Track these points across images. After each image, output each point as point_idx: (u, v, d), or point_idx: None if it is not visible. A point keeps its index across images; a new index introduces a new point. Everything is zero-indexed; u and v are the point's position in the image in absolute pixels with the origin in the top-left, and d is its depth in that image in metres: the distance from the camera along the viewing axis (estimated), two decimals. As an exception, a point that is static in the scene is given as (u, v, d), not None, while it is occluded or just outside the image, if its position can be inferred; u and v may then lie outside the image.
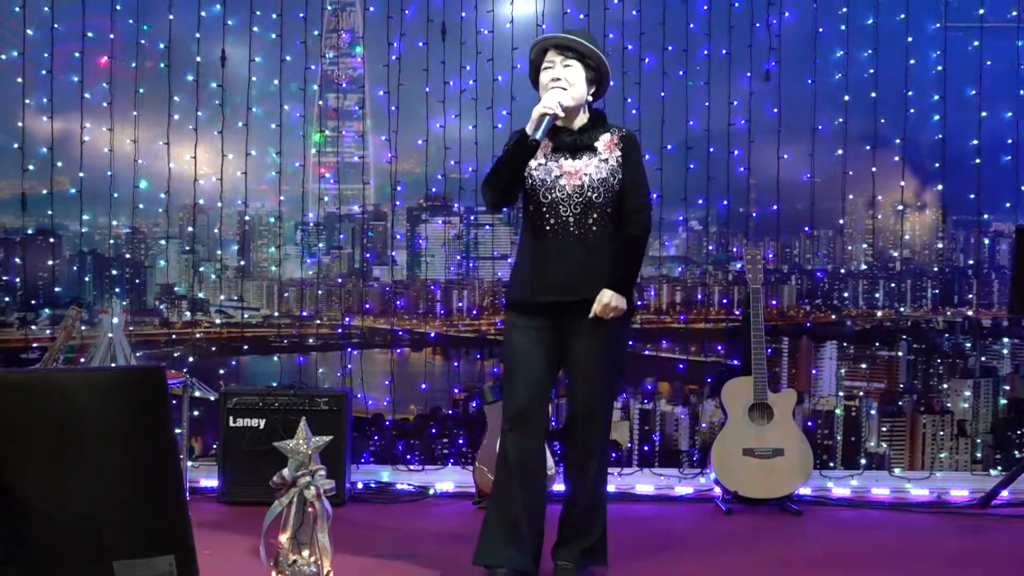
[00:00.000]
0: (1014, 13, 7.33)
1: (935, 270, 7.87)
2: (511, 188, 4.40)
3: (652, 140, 7.29)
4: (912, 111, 7.37)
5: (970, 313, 7.71)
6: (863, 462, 7.49)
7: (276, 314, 7.95)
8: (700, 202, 7.51)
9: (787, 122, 7.41)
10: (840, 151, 7.39)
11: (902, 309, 7.83)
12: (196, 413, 7.03)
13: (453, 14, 7.42)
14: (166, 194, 7.47)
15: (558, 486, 5.45)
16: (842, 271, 7.98)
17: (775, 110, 7.39)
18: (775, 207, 7.43)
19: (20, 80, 7.35)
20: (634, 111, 7.34)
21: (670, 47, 7.37)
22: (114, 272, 7.71)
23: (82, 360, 7.05)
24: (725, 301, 7.87)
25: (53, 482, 2.86)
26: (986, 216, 7.61)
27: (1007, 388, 7.57)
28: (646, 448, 7.62)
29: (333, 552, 4.19)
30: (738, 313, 7.55)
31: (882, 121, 7.39)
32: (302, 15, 7.44)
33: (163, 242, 7.82)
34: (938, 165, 7.42)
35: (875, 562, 5.28)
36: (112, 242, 7.65)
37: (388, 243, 8.20)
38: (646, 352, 7.79)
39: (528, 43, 4.64)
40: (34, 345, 7.47)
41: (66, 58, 7.40)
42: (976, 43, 7.35)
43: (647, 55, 7.40)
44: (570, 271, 4.32)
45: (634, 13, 7.37)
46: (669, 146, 7.37)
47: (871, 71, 7.37)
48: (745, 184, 7.47)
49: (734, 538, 5.75)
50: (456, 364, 7.82)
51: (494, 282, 7.90)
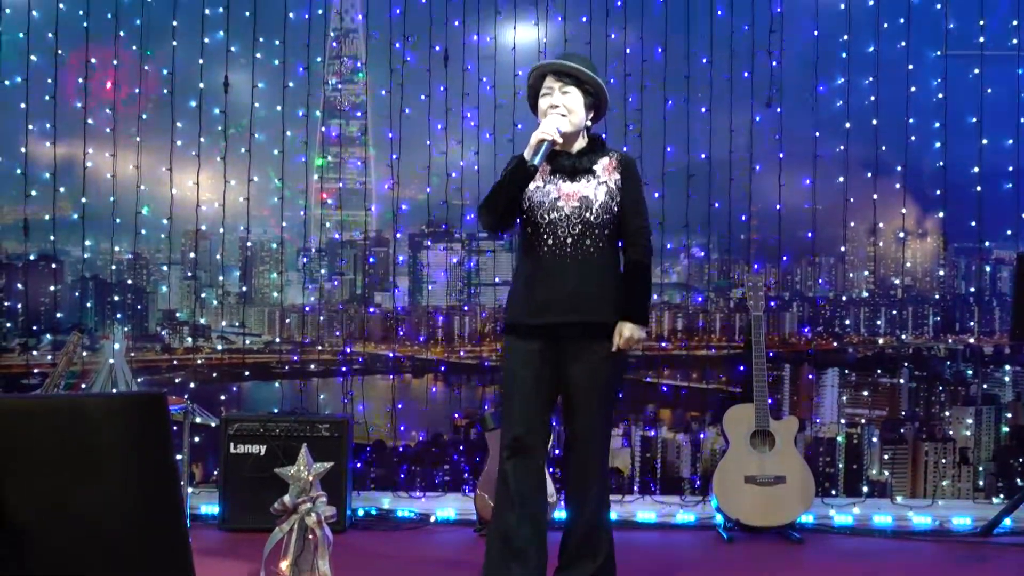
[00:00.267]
0: (1014, 41, 7.34)
1: (936, 297, 7.86)
2: (508, 212, 4.38)
3: (654, 167, 7.27)
4: (913, 138, 7.35)
5: (972, 340, 7.70)
6: (865, 490, 7.44)
7: (277, 340, 7.96)
8: (701, 229, 7.48)
9: (788, 149, 7.39)
10: (841, 178, 7.36)
11: (904, 336, 7.82)
12: (197, 439, 7.00)
13: (455, 41, 7.45)
14: (168, 220, 7.47)
15: (560, 513, 5.43)
16: (843, 298, 7.96)
17: (776, 137, 7.38)
18: (776, 234, 7.41)
19: (24, 106, 7.35)
20: (636, 138, 7.35)
21: (672, 75, 7.37)
22: (116, 298, 7.75)
23: (83, 386, 7.04)
24: (727, 328, 7.86)
25: (53, 508, 2.85)
26: (987, 243, 7.58)
27: (1009, 416, 7.54)
28: (647, 475, 7.60)
29: (334, 580, 4.17)
30: (740, 340, 7.54)
31: (883, 148, 7.37)
32: (305, 42, 7.47)
33: (165, 268, 7.87)
34: (939, 192, 7.38)
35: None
36: (114, 268, 7.69)
37: (390, 269, 8.17)
38: (648, 379, 7.72)
39: (530, 69, 4.63)
40: (35, 371, 7.45)
41: (70, 84, 7.42)
42: (976, 71, 7.35)
43: (648, 82, 7.40)
44: (568, 292, 4.30)
45: (636, 40, 7.39)
46: (671, 171, 7.36)
47: (872, 98, 7.36)
48: (746, 211, 7.43)
49: (736, 566, 5.74)
50: (457, 391, 7.86)
51: (496, 309, 7.83)
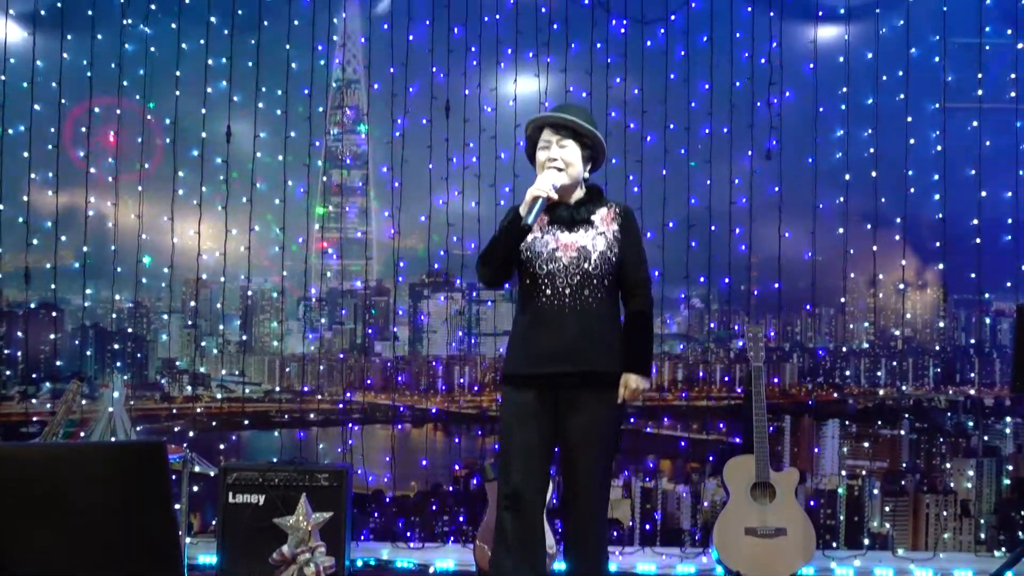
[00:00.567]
0: (1012, 94, 7.37)
1: (937, 349, 7.86)
2: (506, 266, 4.37)
3: (654, 217, 7.32)
4: (912, 190, 7.37)
5: (972, 392, 7.68)
6: (866, 542, 7.39)
7: (277, 389, 7.94)
8: (702, 280, 7.49)
9: (788, 200, 7.42)
10: (841, 230, 7.38)
11: (904, 388, 7.78)
12: (196, 488, 6.96)
13: (457, 91, 7.50)
14: (169, 268, 7.51)
15: (559, 564, 5.36)
16: (844, 349, 7.94)
17: (776, 188, 7.41)
18: (776, 285, 7.41)
19: (26, 154, 7.40)
20: (636, 188, 7.39)
21: (672, 125, 7.44)
22: (116, 346, 7.81)
23: (82, 434, 7.05)
24: (727, 379, 7.83)
25: (52, 556, 2.84)
26: (987, 295, 7.57)
27: (1010, 468, 7.49)
28: (648, 527, 7.54)
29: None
30: (740, 391, 7.51)
31: (883, 200, 7.39)
32: (307, 92, 7.54)
33: (165, 316, 7.89)
34: (939, 244, 7.39)
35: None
36: (114, 316, 7.71)
37: (390, 319, 8.16)
38: (648, 430, 7.71)
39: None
40: (34, 419, 7.44)
41: (72, 133, 7.48)
42: (975, 123, 7.38)
43: (649, 133, 7.48)
44: (566, 342, 4.26)
45: (636, 91, 7.47)
46: (671, 224, 7.39)
47: (871, 150, 7.40)
48: (746, 262, 7.46)
49: (737, 619, 5.64)
50: (457, 440, 7.80)
51: (496, 358, 7.78)
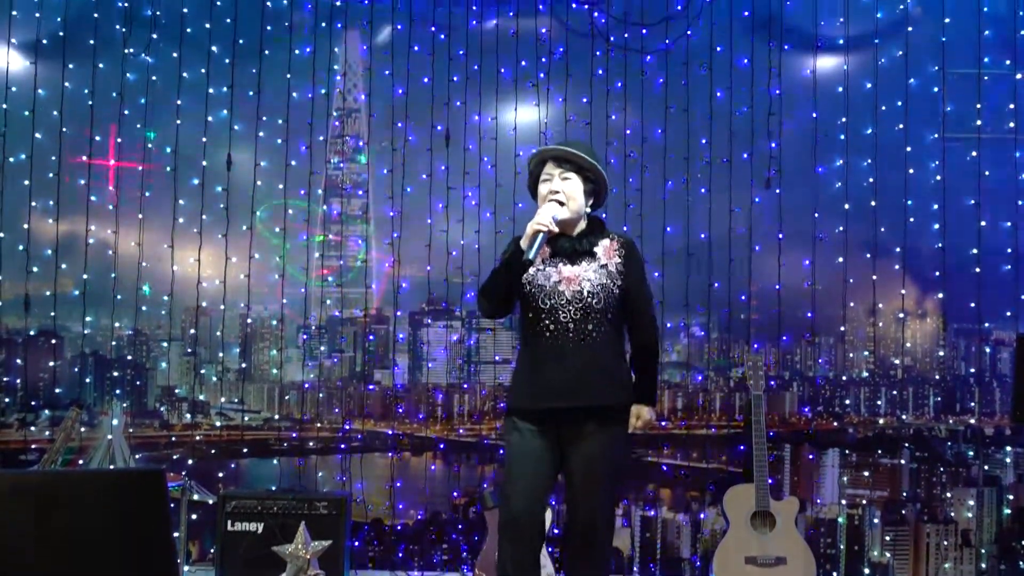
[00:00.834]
0: (1011, 124, 7.38)
1: (937, 378, 7.87)
2: (507, 298, 4.35)
3: (653, 247, 7.31)
4: (912, 220, 7.37)
5: (973, 421, 7.70)
6: (867, 572, 7.38)
7: (276, 417, 7.92)
8: (701, 308, 7.49)
9: (788, 230, 7.43)
10: (841, 259, 7.38)
11: (904, 417, 7.80)
12: (194, 516, 6.97)
13: (457, 120, 7.54)
14: (169, 296, 7.51)
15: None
16: (843, 378, 7.94)
17: (776, 218, 7.42)
18: (776, 313, 7.40)
19: (27, 182, 7.40)
20: (636, 218, 7.39)
21: (671, 155, 7.46)
22: (115, 373, 7.80)
23: (80, 462, 7.03)
24: (727, 407, 7.87)
25: (50, 585, 2.83)
26: (987, 324, 7.55)
27: (1011, 498, 7.47)
28: (647, 556, 7.52)
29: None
30: (739, 419, 7.50)
31: (882, 230, 7.40)
32: (308, 121, 7.56)
33: (165, 344, 7.87)
34: (938, 274, 7.39)
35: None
36: (114, 344, 7.70)
37: (390, 347, 8.16)
38: (648, 458, 7.75)
39: (531, 149, 4.65)
40: (33, 447, 7.41)
41: (73, 161, 7.50)
42: (974, 153, 7.39)
43: (648, 163, 7.49)
44: (570, 377, 4.23)
45: (636, 121, 7.49)
46: (671, 252, 7.40)
47: (870, 180, 7.43)
48: (746, 291, 7.44)
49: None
50: (456, 468, 7.77)
51: (495, 387, 7.83)
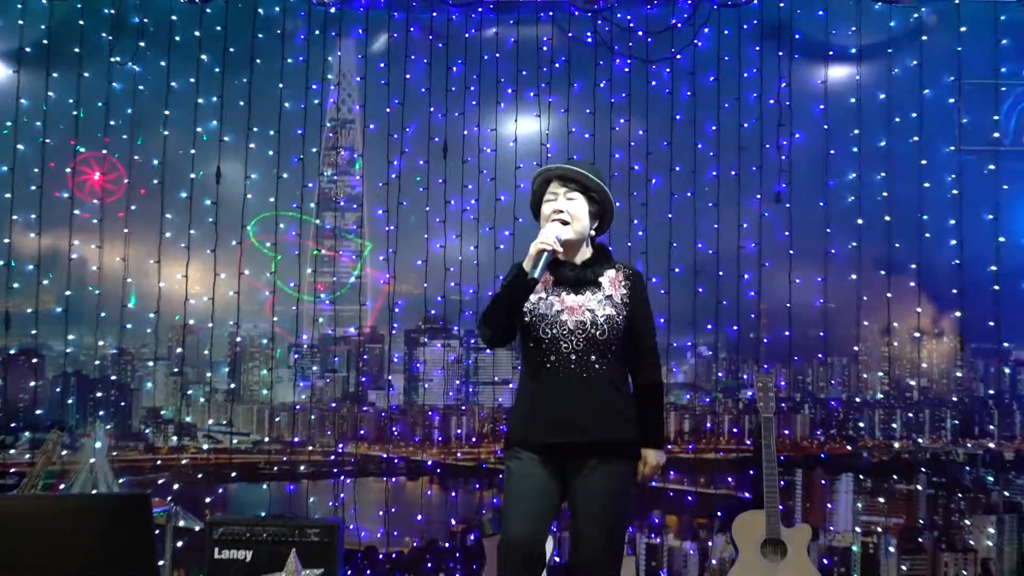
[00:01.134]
0: (1031, 136, 7.28)
1: (954, 400, 7.69)
2: (509, 326, 4.19)
3: (659, 263, 7.31)
4: (928, 235, 7.34)
5: (992, 445, 7.57)
6: (882, 602, 7.22)
7: (266, 440, 7.82)
8: (709, 327, 7.45)
9: (799, 245, 7.38)
10: (854, 276, 7.36)
11: (920, 440, 7.66)
12: (180, 543, 6.87)
13: (455, 132, 7.52)
14: (155, 314, 7.43)
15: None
16: (857, 400, 7.81)
17: (786, 233, 7.38)
18: (787, 333, 7.36)
19: (9, 195, 7.31)
20: (640, 233, 7.37)
21: (677, 168, 7.43)
22: (99, 394, 7.65)
23: (62, 487, 6.97)
24: (735, 430, 7.77)
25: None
26: (1006, 344, 7.47)
27: (1032, 525, 7.31)
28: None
29: None
30: (749, 443, 7.47)
31: (897, 245, 7.36)
32: (300, 132, 7.51)
33: (151, 363, 7.78)
34: (955, 291, 7.33)
35: None
36: (98, 363, 7.59)
37: (385, 366, 7.99)
38: (653, 484, 7.34)
39: (532, 162, 4.52)
40: (12, 470, 7.28)
41: (57, 173, 7.40)
42: (992, 167, 7.34)
43: (654, 176, 7.45)
44: (574, 411, 4.09)
45: (641, 132, 7.46)
46: (677, 269, 7.37)
47: (884, 194, 7.39)
48: (755, 309, 7.40)
49: None
50: (454, 494, 7.63)
51: (494, 408, 7.75)
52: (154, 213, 7.42)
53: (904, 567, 7.30)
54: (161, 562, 5.97)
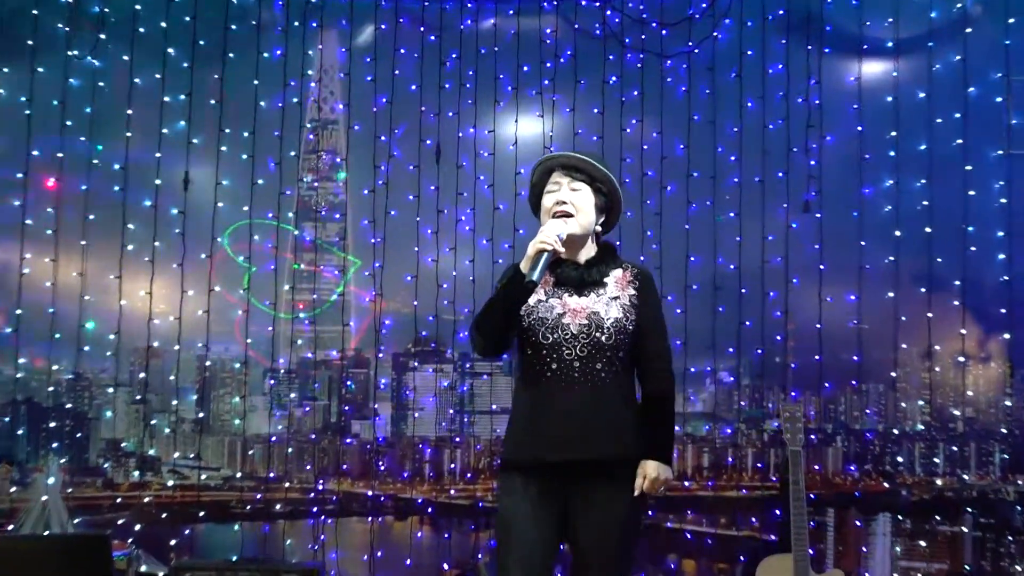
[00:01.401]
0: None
1: (1003, 431, 7.49)
2: (505, 333, 3.90)
3: (675, 279, 7.16)
4: (973, 249, 7.09)
5: (1046, 482, 7.17)
6: (923, 657, 7.05)
7: (238, 475, 7.70)
8: (730, 351, 7.30)
9: (830, 260, 7.20)
10: (891, 294, 7.12)
11: (966, 477, 7.48)
12: (142, 591, 6.78)
13: (449, 134, 7.41)
14: (116, 335, 7.22)
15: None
16: (895, 432, 7.70)
17: (816, 246, 7.21)
18: (817, 357, 7.19)
19: (-47, 203, 7.14)
20: (655, 246, 7.25)
21: (695, 174, 7.30)
22: (52, 424, 7.51)
23: (10, 527, 6.90)
24: (760, 465, 7.64)
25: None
26: (1061, 369, 7.13)
27: (1090, 571, 7.05)
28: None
29: None
30: (775, 480, 7.32)
31: (939, 260, 7.13)
32: (277, 134, 7.36)
33: (110, 390, 7.60)
34: (1004, 311, 7.08)
35: None
36: (51, 389, 7.45)
37: (370, 394, 7.85)
38: (669, 524, 7.51)
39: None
40: (-46, 510, 7.19)
41: (7, 179, 7.26)
42: (1045, 171, 7.07)
43: (669, 183, 7.33)
44: (577, 425, 3.79)
45: (655, 134, 7.35)
46: (694, 286, 7.21)
47: (925, 203, 7.15)
48: (782, 330, 7.21)
49: None
50: (447, 536, 7.46)
51: (492, 440, 7.61)
52: (115, 223, 7.21)
53: (949, 618, 7.16)
54: (121, 612, 5.89)
